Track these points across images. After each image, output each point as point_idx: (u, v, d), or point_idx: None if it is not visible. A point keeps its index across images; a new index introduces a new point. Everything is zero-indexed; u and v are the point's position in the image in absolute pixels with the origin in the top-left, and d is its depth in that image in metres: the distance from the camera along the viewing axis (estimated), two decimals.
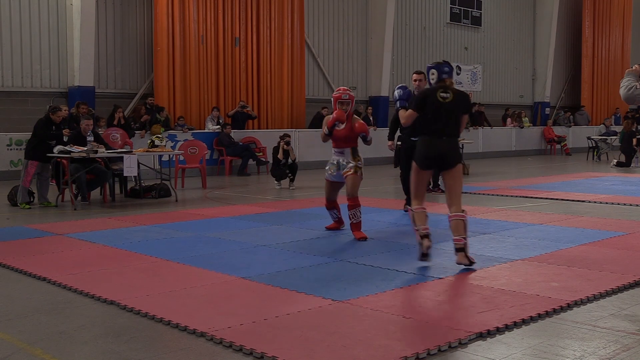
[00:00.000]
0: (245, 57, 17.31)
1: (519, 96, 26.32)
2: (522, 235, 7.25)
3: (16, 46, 14.35)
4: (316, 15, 19.44)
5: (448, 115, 5.80)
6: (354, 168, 7.16)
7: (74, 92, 14.73)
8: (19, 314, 4.50)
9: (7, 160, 13.54)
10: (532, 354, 3.69)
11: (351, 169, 7.15)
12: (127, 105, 15.68)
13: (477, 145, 21.44)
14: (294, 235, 7.27)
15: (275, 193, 11.90)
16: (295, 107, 18.27)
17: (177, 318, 4.26)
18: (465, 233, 5.68)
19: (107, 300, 4.75)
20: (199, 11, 16.35)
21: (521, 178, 14.42)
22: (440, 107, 5.79)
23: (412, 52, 22.15)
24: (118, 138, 13.61)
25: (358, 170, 7.17)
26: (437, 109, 5.79)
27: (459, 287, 5.02)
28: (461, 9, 23.61)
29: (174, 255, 6.25)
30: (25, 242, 7.07)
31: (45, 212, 9.57)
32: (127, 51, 15.96)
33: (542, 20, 26.36)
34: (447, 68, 5.96)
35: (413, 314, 4.34)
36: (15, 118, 14.24)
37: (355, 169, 7.15)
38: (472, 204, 9.97)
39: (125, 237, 7.31)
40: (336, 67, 20.06)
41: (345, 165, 7.20)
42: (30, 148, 10.17)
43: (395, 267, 5.72)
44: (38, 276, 5.51)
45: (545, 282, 5.19)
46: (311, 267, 5.77)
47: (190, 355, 3.72)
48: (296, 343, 3.82)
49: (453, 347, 3.78)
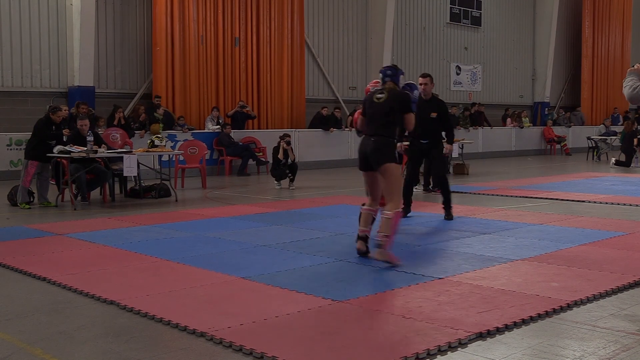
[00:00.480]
0: (245, 57, 17.31)
1: (519, 96, 26.32)
2: (522, 236, 7.25)
3: (16, 46, 14.36)
4: (316, 15, 19.44)
5: (381, 116, 5.92)
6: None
7: (74, 92, 14.74)
8: (19, 313, 4.50)
9: (7, 160, 13.53)
10: (532, 354, 3.69)
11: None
12: (127, 105, 15.68)
13: (477, 145, 21.44)
14: (294, 235, 7.27)
15: (275, 193, 11.90)
16: (295, 107, 18.27)
17: (177, 318, 4.26)
18: (389, 232, 5.78)
19: (107, 300, 4.75)
20: (199, 11, 16.34)
21: (521, 178, 14.42)
22: (374, 108, 5.97)
23: (412, 52, 22.15)
24: (118, 138, 13.61)
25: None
26: (372, 111, 5.98)
27: (459, 287, 5.02)
28: (461, 9, 23.61)
29: (174, 255, 6.25)
30: (25, 242, 7.06)
31: (45, 212, 9.57)
32: (127, 51, 15.96)
33: (542, 20, 26.36)
34: (390, 71, 6.11)
35: (413, 315, 4.34)
36: (15, 118, 14.23)
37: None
38: (472, 204, 9.97)
39: (125, 237, 7.31)
40: (336, 67, 20.06)
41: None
42: (31, 148, 10.17)
43: (395, 267, 5.72)
44: (38, 276, 5.51)
45: (545, 282, 5.19)
46: (311, 267, 5.77)
47: (190, 355, 3.72)
48: (296, 343, 3.82)
49: (453, 347, 3.78)
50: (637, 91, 4.84)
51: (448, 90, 23.19)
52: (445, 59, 23.29)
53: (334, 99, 19.88)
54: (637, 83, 4.89)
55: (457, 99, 23.42)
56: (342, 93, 20.20)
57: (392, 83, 6.07)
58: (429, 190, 11.69)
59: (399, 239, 7.12)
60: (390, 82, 6.07)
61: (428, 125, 8.33)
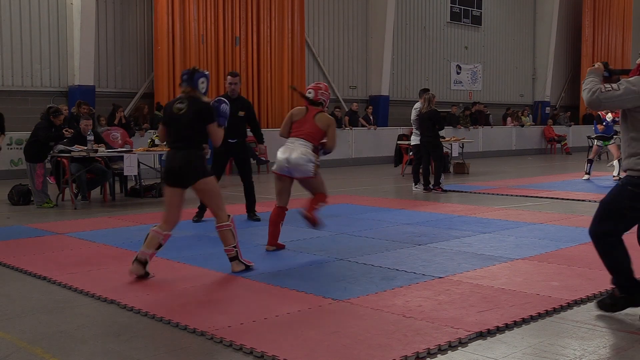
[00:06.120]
0: (246, 57, 17.31)
1: (519, 95, 26.32)
2: (523, 235, 7.25)
3: (16, 46, 14.35)
4: (316, 14, 19.44)
5: (184, 127, 5.38)
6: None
7: (74, 91, 14.74)
8: (19, 313, 4.50)
9: (7, 159, 13.53)
10: (532, 353, 3.69)
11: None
12: (127, 105, 15.68)
13: (477, 145, 21.44)
14: (294, 235, 7.27)
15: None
16: (295, 107, 18.22)
17: (177, 317, 4.26)
18: (234, 241, 5.47)
19: (107, 300, 4.75)
20: (199, 10, 16.34)
21: (521, 177, 14.41)
22: (176, 119, 5.43)
23: (412, 52, 22.15)
24: (118, 137, 13.58)
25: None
26: (174, 121, 5.44)
27: (459, 287, 5.02)
28: (461, 8, 23.60)
29: (174, 254, 6.24)
30: (25, 241, 7.06)
31: (46, 211, 9.56)
32: (127, 50, 15.96)
33: (542, 20, 26.35)
34: (185, 76, 5.52)
35: (413, 314, 4.34)
36: (16, 117, 14.21)
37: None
38: (473, 204, 9.97)
39: (126, 236, 7.31)
40: (336, 67, 20.06)
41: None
42: (34, 152, 10.06)
43: (395, 267, 5.71)
44: (38, 275, 5.51)
45: (545, 281, 5.19)
46: (311, 267, 5.77)
47: (190, 354, 3.72)
48: (296, 343, 3.82)
49: (453, 346, 3.78)
50: (596, 95, 4.14)
51: (448, 90, 23.20)
52: (446, 58, 23.28)
53: (334, 99, 19.86)
54: (597, 85, 4.19)
55: (458, 98, 23.42)
56: (343, 92, 20.20)
57: (189, 88, 5.48)
58: (429, 190, 11.69)
59: (399, 238, 7.11)
60: (188, 87, 5.48)
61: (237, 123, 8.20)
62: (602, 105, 4.21)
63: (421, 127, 11.77)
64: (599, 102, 4.17)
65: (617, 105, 4.21)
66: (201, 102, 5.47)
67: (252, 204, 8.57)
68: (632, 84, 4.15)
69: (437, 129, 11.72)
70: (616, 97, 4.12)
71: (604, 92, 4.14)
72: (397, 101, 21.33)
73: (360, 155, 18.47)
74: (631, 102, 4.17)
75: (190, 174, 5.37)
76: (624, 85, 4.14)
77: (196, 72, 5.54)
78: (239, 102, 8.38)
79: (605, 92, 4.14)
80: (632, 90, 4.13)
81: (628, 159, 4.23)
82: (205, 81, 5.56)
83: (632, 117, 4.21)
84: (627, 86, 4.14)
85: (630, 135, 4.23)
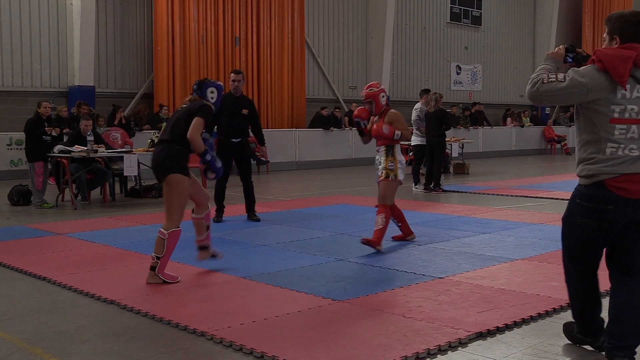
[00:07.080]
0: (246, 57, 17.31)
1: (519, 96, 26.32)
2: (523, 235, 7.25)
3: (16, 46, 14.35)
4: (316, 15, 19.44)
5: (173, 123, 5.33)
6: (385, 171, 6.56)
7: (74, 91, 14.74)
8: (19, 313, 4.50)
9: (7, 160, 13.54)
10: (532, 353, 3.69)
11: (382, 172, 6.57)
12: (127, 105, 15.68)
13: (477, 145, 21.44)
14: (294, 235, 7.27)
15: (275, 192, 11.89)
16: (295, 107, 18.28)
17: (177, 318, 4.26)
18: (162, 253, 5.16)
19: (107, 300, 4.75)
20: (199, 11, 16.35)
21: (521, 178, 14.42)
22: (171, 117, 5.52)
23: (412, 52, 22.15)
24: (118, 138, 13.59)
25: (390, 174, 6.53)
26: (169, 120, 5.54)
27: (459, 287, 5.02)
28: (461, 9, 23.61)
29: (173, 255, 6.19)
30: (25, 241, 7.06)
31: (46, 211, 9.56)
32: (127, 51, 15.96)
33: (542, 20, 26.36)
34: (195, 86, 5.50)
35: (413, 314, 4.34)
36: (15, 118, 14.19)
37: (387, 173, 6.54)
38: (473, 204, 9.97)
39: (126, 236, 7.31)
40: (336, 67, 20.06)
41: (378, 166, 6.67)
42: (28, 148, 10.09)
43: (395, 267, 5.72)
44: (38, 276, 5.51)
45: (545, 281, 5.19)
46: (311, 267, 5.77)
47: (190, 354, 3.72)
48: (296, 343, 3.82)
49: (453, 347, 3.78)
50: (536, 87, 3.37)
51: (448, 90, 23.19)
52: (446, 59, 23.29)
53: (334, 99, 19.88)
54: (542, 75, 3.39)
55: (458, 98, 23.42)
56: (343, 93, 20.20)
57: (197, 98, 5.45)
58: (429, 190, 11.69)
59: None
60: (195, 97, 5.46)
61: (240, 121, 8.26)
62: (543, 99, 3.42)
63: (428, 127, 11.79)
64: (540, 95, 3.38)
65: (561, 99, 3.43)
66: (200, 101, 5.40)
67: (251, 204, 8.57)
68: (580, 74, 3.37)
69: (444, 128, 11.75)
70: (559, 89, 3.35)
71: (546, 84, 3.37)
72: (397, 101, 21.30)
73: (360, 156, 18.47)
74: (578, 97, 3.38)
75: (158, 168, 5.24)
76: (570, 76, 3.36)
77: (206, 82, 5.49)
78: (242, 100, 8.40)
79: (547, 83, 3.37)
80: (579, 83, 3.34)
81: (578, 165, 3.48)
82: (215, 91, 5.47)
83: (585, 115, 3.42)
84: (574, 77, 3.35)
85: (582, 138, 3.45)
